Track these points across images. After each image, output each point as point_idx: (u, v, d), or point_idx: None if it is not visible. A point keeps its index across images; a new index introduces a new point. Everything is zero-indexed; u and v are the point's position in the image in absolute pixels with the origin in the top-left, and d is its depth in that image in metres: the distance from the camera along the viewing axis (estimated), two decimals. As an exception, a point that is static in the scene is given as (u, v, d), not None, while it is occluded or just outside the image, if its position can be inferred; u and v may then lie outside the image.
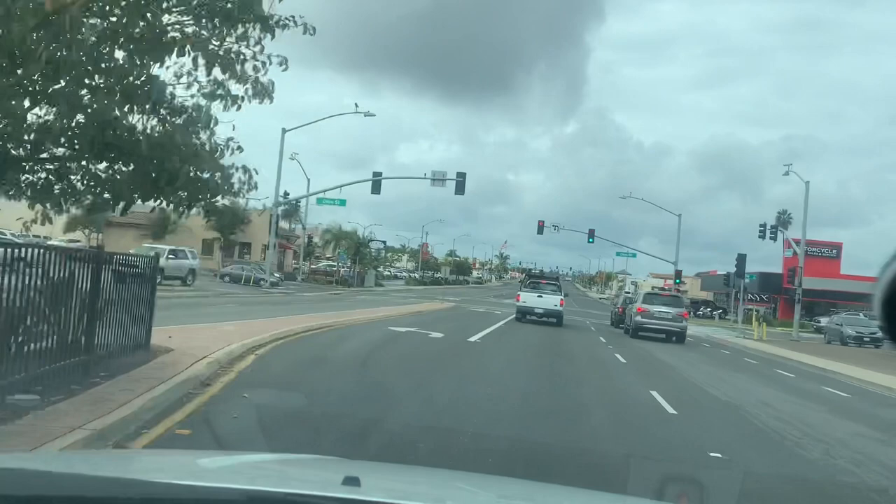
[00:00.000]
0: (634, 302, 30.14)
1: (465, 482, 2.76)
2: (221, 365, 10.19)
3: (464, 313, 34.66)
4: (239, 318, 18.17)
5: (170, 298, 21.61)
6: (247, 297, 32.05)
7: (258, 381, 9.70)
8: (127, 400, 6.98)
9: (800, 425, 10.67)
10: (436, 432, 7.53)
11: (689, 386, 14.66)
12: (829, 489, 7.15)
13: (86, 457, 2.97)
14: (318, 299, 36.39)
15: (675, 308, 28.47)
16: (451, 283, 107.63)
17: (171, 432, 6.57)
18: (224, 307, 23.46)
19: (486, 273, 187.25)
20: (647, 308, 28.12)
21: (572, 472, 6.65)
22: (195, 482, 1.87)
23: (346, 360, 12.87)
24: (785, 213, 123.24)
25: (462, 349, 17.20)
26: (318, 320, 19.92)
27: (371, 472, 2.51)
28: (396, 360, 14.05)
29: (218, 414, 7.36)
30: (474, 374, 13.16)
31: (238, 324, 15.99)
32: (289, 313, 21.82)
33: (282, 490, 1.79)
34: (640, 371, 16.76)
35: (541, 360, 16.68)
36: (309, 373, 11.15)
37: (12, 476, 1.72)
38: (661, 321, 27.86)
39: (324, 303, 33.02)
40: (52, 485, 1.69)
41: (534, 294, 31.05)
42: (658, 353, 22.19)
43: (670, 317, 27.88)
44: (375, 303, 36.61)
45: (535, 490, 2.90)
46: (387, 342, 16.85)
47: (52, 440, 5.41)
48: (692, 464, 7.50)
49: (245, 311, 21.90)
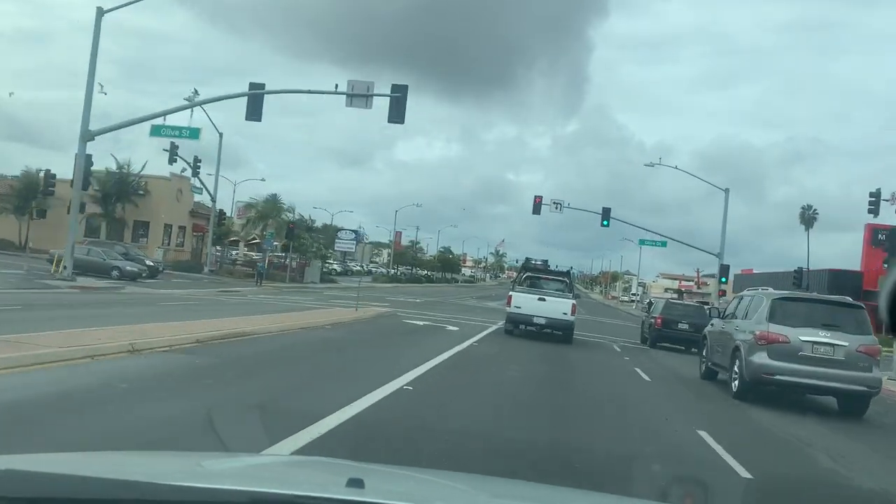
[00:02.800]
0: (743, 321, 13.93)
1: (468, 484, 2.71)
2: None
3: (372, 333, 19.54)
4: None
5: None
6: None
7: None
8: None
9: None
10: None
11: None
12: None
13: (88, 458, 2.73)
14: (146, 301, 23.22)
15: (850, 340, 12.33)
16: (436, 282, 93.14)
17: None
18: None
19: (480, 272, 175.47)
20: (796, 340, 12.40)
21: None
22: (198, 484, 1.86)
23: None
24: (810, 209, 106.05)
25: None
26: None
27: (375, 474, 2.45)
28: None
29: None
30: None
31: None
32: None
33: (286, 492, 1.82)
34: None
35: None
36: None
37: (13, 477, 1.70)
38: (821, 371, 12.26)
39: (144, 308, 20.38)
40: (53, 486, 1.69)
41: (532, 296, 22.05)
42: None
43: (841, 361, 12.23)
44: (253, 309, 22.76)
45: (536, 491, 3.01)
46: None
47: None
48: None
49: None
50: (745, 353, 12.79)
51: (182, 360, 10.90)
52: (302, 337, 16.16)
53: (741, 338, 13.25)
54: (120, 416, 7.15)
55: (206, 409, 6.90)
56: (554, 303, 21.56)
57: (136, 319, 15.33)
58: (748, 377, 12.67)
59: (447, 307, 36.63)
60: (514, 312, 21.91)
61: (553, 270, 25.23)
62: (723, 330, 14.96)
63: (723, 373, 14.69)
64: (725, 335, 14.50)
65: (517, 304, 21.81)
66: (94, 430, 6.59)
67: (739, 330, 13.59)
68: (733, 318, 14.64)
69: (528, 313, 21.60)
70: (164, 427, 6.73)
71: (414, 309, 30.95)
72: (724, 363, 14.25)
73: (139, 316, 16.78)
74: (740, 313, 14.31)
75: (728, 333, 14.27)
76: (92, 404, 7.58)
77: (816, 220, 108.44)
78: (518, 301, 21.84)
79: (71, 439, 6.15)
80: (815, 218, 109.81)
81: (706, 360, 15.98)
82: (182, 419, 7.03)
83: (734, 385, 13.26)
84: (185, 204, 53.06)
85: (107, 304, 20.45)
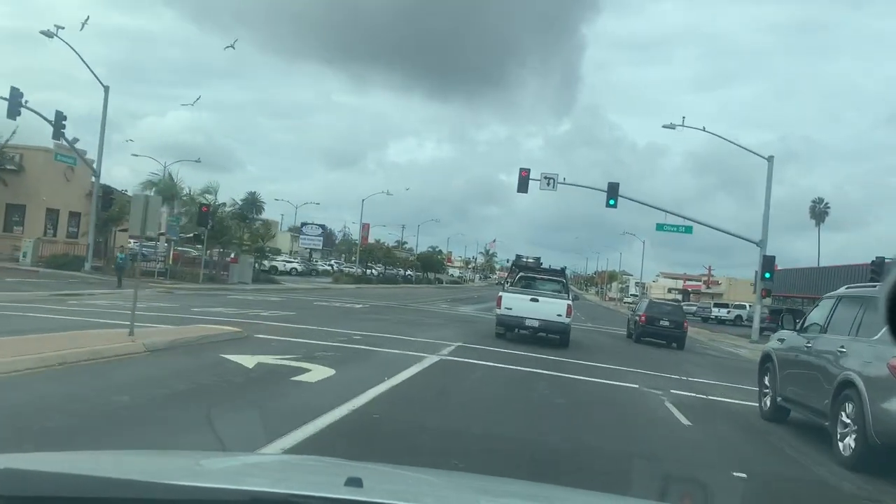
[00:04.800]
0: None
1: (467, 484, 2.69)
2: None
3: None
4: None
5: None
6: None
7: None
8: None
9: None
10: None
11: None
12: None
13: (87, 457, 2.71)
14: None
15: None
16: (417, 283, 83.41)
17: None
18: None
19: (469, 272, 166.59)
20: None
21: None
22: (197, 483, 1.84)
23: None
24: (821, 203, 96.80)
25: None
26: None
27: (373, 473, 2.40)
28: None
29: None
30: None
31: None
32: None
33: (284, 491, 1.78)
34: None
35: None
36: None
37: (13, 476, 1.69)
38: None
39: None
40: (52, 485, 1.67)
41: (524, 296, 20.26)
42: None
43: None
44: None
45: (537, 491, 2.92)
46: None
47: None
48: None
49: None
50: (871, 394, 7.88)
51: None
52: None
53: (856, 367, 8.37)
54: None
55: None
56: (547, 304, 19.83)
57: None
58: (879, 437, 7.70)
59: (393, 317, 26.55)
60: (504, 315, 20.11)
61: (546, 269, 23.97)
62: (807, 350, 10.01)
63: (806, 415, 9.93)
64: (815, 360, 9.66)
65: (507, 305, 20.06)
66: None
67: (849, 354, 8.72)
68: (823, 332, 9.88)
69: (519, 315, 19.80)
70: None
71: (321, 323, 20.07)
72: (816, 404, 9.37)
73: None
74: (841, 326, 9.43)
75: (823, 357, 9.45)
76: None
77: (828, 214, 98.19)
78: (508, 302, 20.07)
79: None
80: (826, 212, 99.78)
81: (772, 391, 11.10)
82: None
83: (843, 445, 8.36)
84: (79, 185, 41.08)
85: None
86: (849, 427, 8.28)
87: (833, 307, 10.01)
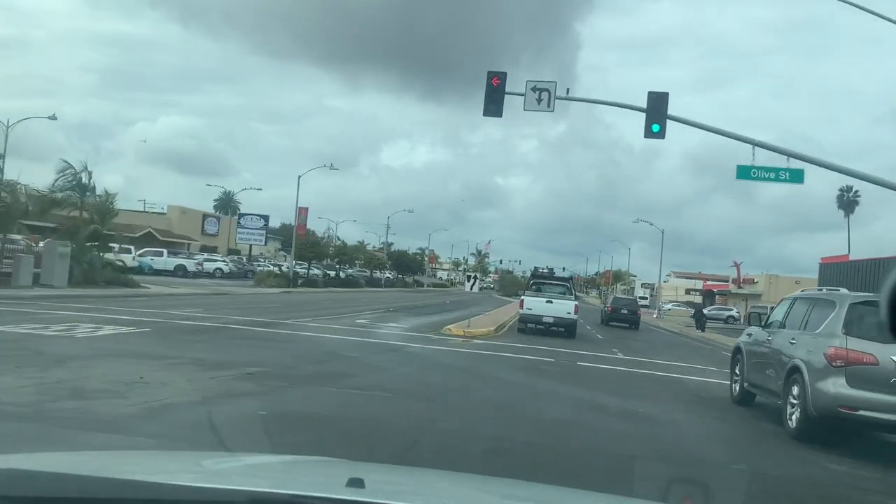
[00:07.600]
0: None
1: (469, 484, 2.70)
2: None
3: None
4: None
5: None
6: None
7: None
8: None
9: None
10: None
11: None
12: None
13: (88, 457, 2.70)
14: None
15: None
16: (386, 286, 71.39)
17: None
18: None
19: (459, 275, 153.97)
20: (887, 361, 9.11)
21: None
22: (198, 483, 1.84)
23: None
24: (850, 191, 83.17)
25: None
26: None
27: (375, 473, 2.43)
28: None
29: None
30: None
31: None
32: None
33: (286, 492, 1.79)
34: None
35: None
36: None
37: (15, 476, 1.69)
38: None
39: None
40: (54, 485, 1.67)
41: (541, 299, 26.05)
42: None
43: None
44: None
45: (537, 491, 2.94)
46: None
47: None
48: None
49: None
50: (811, 377, 9.64)
51: None
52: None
53: (801, 356, 10.10)
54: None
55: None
56: (559, 304, 25.37)
57: None
58: (816, 411, 9.48)
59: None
60: (526, 313, 25.60)
61: (557, 277, 30.41)
62: (768, 343, 11.75)
63: (766, 397, 11.74)
64: (773, 350, 11.38)
65: (528, 306, 25.58)
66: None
67: (797, 345, 10.46)
68: (781, 327, 11.56)
69: (538, 313, 25.30)
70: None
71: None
72: (773, 387, 11.08)
73: None
74: (794, 322, 11.21)
75: (778, 349, 11.15)
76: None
77: (858, 203, 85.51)
78: (529, 304, 25.66)
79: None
80: (856, 201, 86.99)
81: (741, 378, 12.80)
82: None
83: (791, 420, 10.10)
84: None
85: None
86: (795, 405, 9.88)
87: (790, 306, 11.77)
